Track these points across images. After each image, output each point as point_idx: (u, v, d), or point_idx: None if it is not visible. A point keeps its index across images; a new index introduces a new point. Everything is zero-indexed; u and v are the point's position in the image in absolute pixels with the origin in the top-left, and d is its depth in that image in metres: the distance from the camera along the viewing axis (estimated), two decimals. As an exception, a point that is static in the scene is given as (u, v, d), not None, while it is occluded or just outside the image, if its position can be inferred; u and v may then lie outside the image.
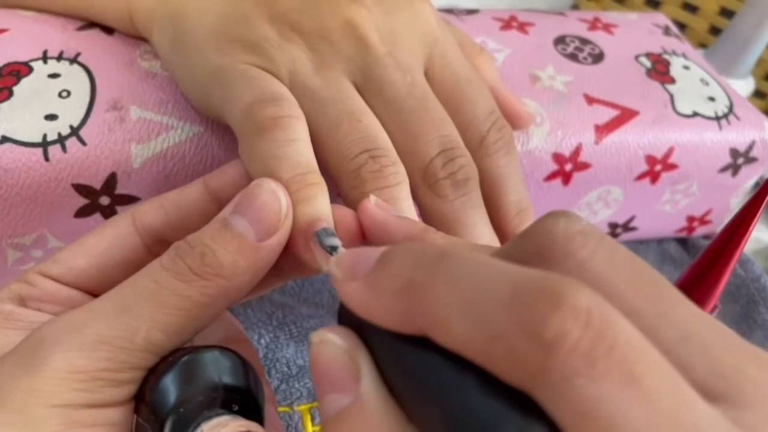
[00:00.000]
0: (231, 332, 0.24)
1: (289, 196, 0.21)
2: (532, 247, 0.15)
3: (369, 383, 0.15)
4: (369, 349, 0.16)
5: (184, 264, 0.19)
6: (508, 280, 0.13)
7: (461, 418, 0.13)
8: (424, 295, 0.14)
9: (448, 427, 0.13)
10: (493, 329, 0.12)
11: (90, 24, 0.32)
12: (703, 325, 0.13)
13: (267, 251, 0.20)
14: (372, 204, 0.21)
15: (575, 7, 0.70)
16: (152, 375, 0.19)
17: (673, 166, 0.37)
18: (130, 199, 0.29)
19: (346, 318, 0.16)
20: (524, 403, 0.12)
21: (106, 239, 0.22)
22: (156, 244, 0.23)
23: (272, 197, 0.20)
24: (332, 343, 0.16)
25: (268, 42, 0.25)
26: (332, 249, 0.20)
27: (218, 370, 0.19)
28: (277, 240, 0.20)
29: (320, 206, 0.21)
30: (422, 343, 0.14)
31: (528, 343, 0.12)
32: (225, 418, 0.18)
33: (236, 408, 0.19)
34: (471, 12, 0.42)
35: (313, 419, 0.33)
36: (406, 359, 0.14)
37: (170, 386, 0.18)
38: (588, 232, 0.14)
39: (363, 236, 0.21)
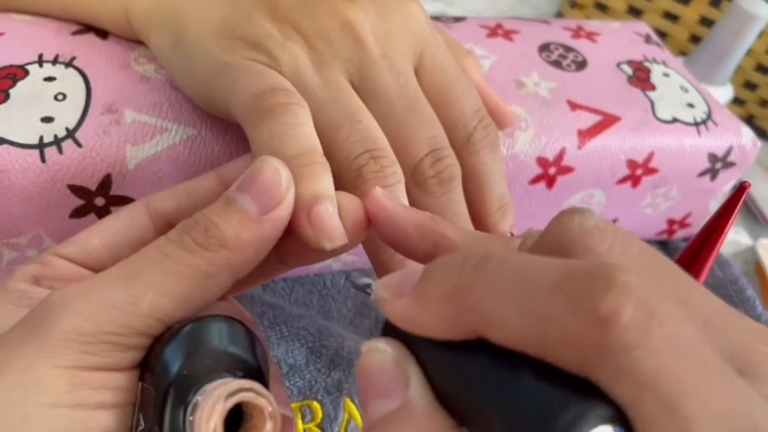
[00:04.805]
0: (237, 315, 0.25)
1: (291, 172, 0.21)
2: (551, 245, 0.15)
3: (418, 388, 0.15)
4: (416, 362, 0.16)
5: (188, 236, 0.20)
6: (553, 269, 0.13)
7: (520, 409, 0.13)
8: (472, 295, 0.14)
9: (506, 422, 0.13)
10: (547, 315, 0.13)
11: (85, 28, 0.33)
12: (718, 308, 0.14)
13: (269, 225, 0.20)
14: (379, 193, 0.22)
15: (559, 15, 0.72)
16: (158, 342, 0.19)
17: (653, 171, 0.38)
18: (124, 200, 0.30)
19: (391, 336, 0.17)
20: (584, 389, 0.12)
21: (120, 221, 0.23)
22: (166, 229, 0.23)
23: (274, 173, 0.21)
24: (382, 351, 0.16)
25: (271, 40, 0.26)
26: (366, 286, 0.20)
27: (224, 338, 0.19)
28: (280, 213, 0.20)
29: (324, 184, 0.22)
30: (472, 347, 0.14)
31: (584, 323, 0.12)
32: (228, 379, 0.18)
33: (241, 375, 0.19)
34: (458, 20, 0.43)
35: (303, 417, 0.34)
36: (457, 365, 0.14)
37: (176, 351, 0.18)
38: (602, 227, 0.15)
39: (368, 224, 0.22)
